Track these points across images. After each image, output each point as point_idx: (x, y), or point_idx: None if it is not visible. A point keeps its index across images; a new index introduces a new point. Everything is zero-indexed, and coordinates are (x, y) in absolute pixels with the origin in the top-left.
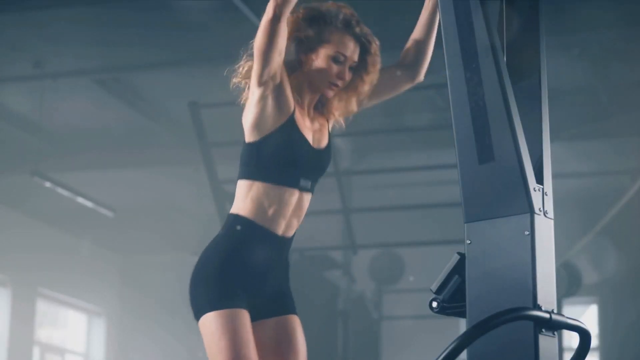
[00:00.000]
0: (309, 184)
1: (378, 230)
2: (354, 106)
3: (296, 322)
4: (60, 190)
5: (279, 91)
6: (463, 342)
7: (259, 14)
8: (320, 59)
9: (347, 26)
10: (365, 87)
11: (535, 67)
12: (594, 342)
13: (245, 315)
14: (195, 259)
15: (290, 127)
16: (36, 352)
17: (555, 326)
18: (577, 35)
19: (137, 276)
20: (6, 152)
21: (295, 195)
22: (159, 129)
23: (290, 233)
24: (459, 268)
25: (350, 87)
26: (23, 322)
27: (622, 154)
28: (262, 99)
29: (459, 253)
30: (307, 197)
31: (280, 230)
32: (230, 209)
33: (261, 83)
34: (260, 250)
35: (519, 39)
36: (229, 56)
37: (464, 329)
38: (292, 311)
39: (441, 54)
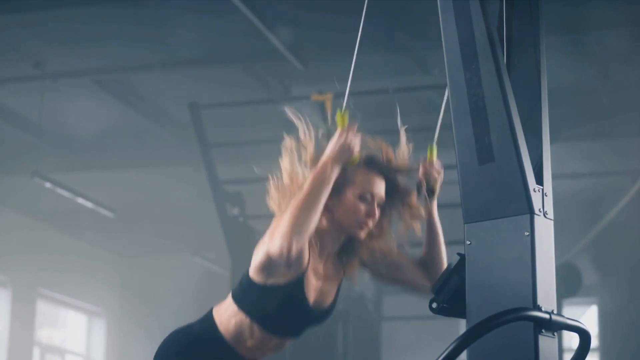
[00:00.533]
0: (295, 335)
1: None
2: (388, 244)
3: None
4: (60, 190)
5: (295, 260)
6: (463, 343)
7: (259, 15)
8: (347, 200)
9: (370, 163)
10: (409, 213)
11: (535, 67)
12: (594, 342)
13: None
14: (195, 260)
15: (295, 286)
16: (36, 352)
17: (555, 327)
18: (578, 36)
19: (137, 277)
20: (6, 153)
21: (277, 339)
22: (159, 129)
23: (261, 358)
24: (459, 269)
25: (379, 228)
26: (23, 322)
27: (622, 155)
28: (274, 262)
29: (458, 254)
30: (290, 341)
31: (250, 357)
32: (230, 211)
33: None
34: None
35: (518, 39)
36: (229, 58)
37: (464, 330)
38: None
39: (441, 55)
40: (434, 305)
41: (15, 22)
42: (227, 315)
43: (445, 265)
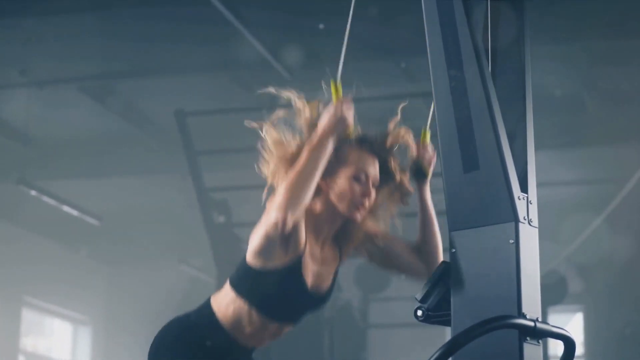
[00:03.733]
0: (294, 320)
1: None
2: (383, 224)
3: None
4: (45, 198)
5: (289, 237)
6: (448, 351)
7: (246, 23)
8: (341, 181)
9: (363, 143)
10: (403, 191)
11: (520, 75)
12: (579, 350)
13: None
14: (181, 267)
15: (293, 270)
16: None
17: (540, 334)
18: (563, 43)
19: (123, 284)
20: None
21: (276, 325)
22: (145, 136)
23: (260, 346)
24: (444, 277)
25: (374, 206)
26: (8, 330)
27: (607, 163)
28: (270, 239)
29: (443, 262)
30: (289, 327)
31: (250, 344)
32: (217, 218)
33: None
34: (223, 354)
35: (503, 47)
36: (215, 65)
37: (449, 338)
38: None
39: (426, 63)
40: (419, 313)
41: (1, 30)
42: (225, 302)
43: (440, 249)
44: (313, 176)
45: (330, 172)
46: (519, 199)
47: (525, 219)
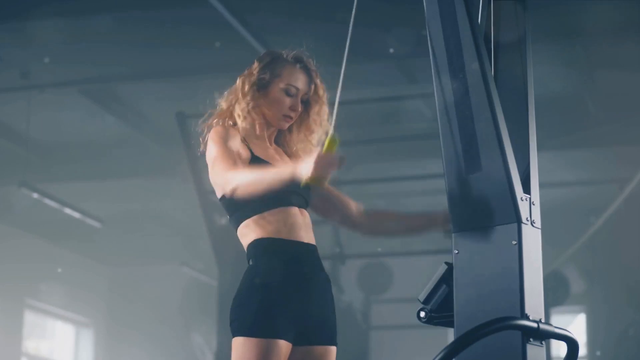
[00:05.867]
0: (300, 199)
1: (366, 240)
2: (310, 141)
3: (333, 355)
4: (47, 201)
5: (232, 148)
6: (451, 352)
7: (247, 26)
8: (273, 93)
9: (298, 60)
10: (313, 120)
11: (522, 76)
12: (582, 351)
13: (280, 347)
14: (183, 270)
15: (255, 162)
16: None
17: (543, 335)
18: (564, 44)
19: (125, 287)
20: None
21: (293, 209)
22: (146, 139)
23: (312, 240)
24: (447, 278)
25: (303, 121)
26: (11, 333)
27: (609, 163)
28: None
29: (446, 263)
30: (306, 212)
31: (303, 238)
32: (218, 221)
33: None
34: (295, 261)
35: (505, 48)
36: (216, 67)
37: (452, 339)
38: (334, 342)
39: (428, 64)
40: (422, 314)
41: (2, 33)
42: (251, 231)
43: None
44: (256, 190)
45: (264, 85)
46: (522, 200)
47: (528, 220)
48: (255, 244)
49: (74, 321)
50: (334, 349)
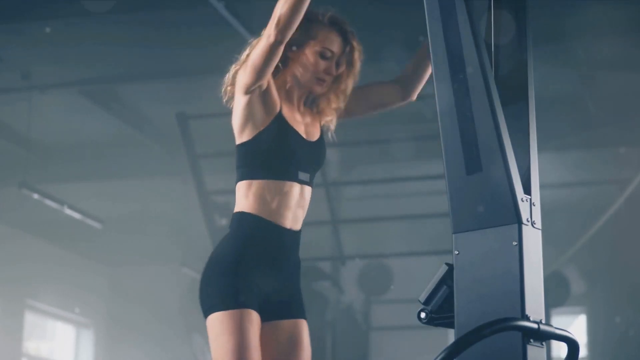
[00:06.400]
0: (306, 176)
1: (366, 241)
2: (340, 102)
3: (305, 328)
4: (48, 201)
5: (265, 95)
6: (451, 353)
7: (248, 26)
8: (307, 55)
9: (333, 23)
10: (349, 82)
11: (523, 77)
12: (582, 352)
13: (253, 316)
14: (184, 270)
15: (279, 123)
16: None
17: (544, 336)
18: (565, 45)
19: (125, 288)
20: None
21: (295, 187)
22: (147, 140)
23: (298, 226)
24: (447, 279)
25: (336, 83)
26: (11, 334)
27: (610, 164)
28: (249, 104)
29: (447, 264)
30: (308, 190)
31: (287, 223)
32: (219, 221)
33: (248, 92)
34: (271, 245)
35: (506, 49)
36: (216, 68)
37: (452, 340)
38: (303, 315)
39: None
40: (423, 315)
41: (3, 33)
42: (243, 197)
43: (425, 76)
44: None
45: (298, 44)
46: (522, 201)
47: (528, 221)
48: (240, 217)
49: (74, 322)
50: (304, 322)
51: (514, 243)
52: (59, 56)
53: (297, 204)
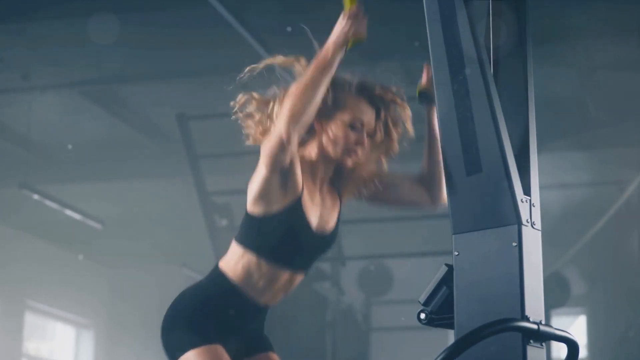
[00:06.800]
0: (304, 266)
1: (366, 242)
2: (370, 181)
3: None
4: (48, 202)
5: (287, 174)
6: (451, 354)
7: (248, 27)
8: (335, 127)
9: (362, 90)
10: (384, 155)
11: (522, 77)
12: (582, 353)
13: (222, 351)
14: (184, 271)
15: (294, 211)
16: None
17: (543, 337)
18: (565, 45)
19: (126, 288)
20: None
21: (287, 274)
22: (147, 140)
23: (274, 303)
24: (447, 279)
25: (370, 155)
26: (11, 334)
27: (609, 165)
28: (268, 179)
29: (447, 264)
30: (300, 276)
31: (263, 301)
32: (219, 222)
33: (268, 168)
34: (239, 315)
35: (505, 50)
36: (216, 68)
37: (452, 341)
38: (271, 349)
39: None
40: (422, 316)
41: (2, 34)
42: (234, 260)
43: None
44: (318, 90)
45: (326, 115)
46: (522, 202)
47: (528, 222)
48: (220, 277)
49: (74, 322)
50: (275, 355)
51: (514, 244)
52: (59, 56)
53: (282, 288)
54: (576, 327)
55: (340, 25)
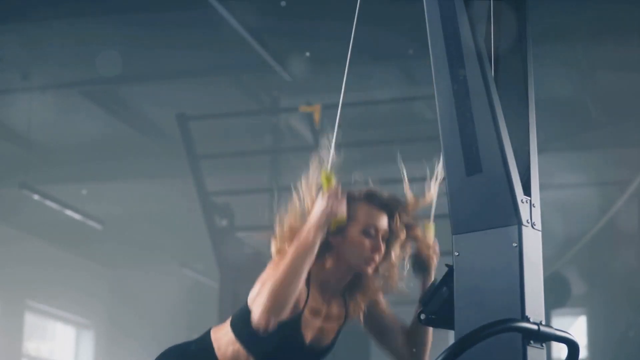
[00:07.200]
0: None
1: None
2: (394, 279)
3: None
4: (48, 202)
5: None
6: (451, 354)
7: (248, 27)
8: (351, 237)
9: (371, 198)
10: (395, 257)
11: (523, 77)
12: (583, 353)
13: None
14: (184, 271)
15: (291, 325)
16: None
17: (544, 338)
18: (565, 45)
19: (126, 289)
20: None
21: None
22: (147, 140)
23: None
24: (447, 280)
25: (385, 261)
26: (11, 334)
27: (610, 165)
28: None
29: (447, 265)
30: None
31: None
32: (219, 222)
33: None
34: None
35: (506, 50)
36: (216, 69)
37: (452, 341)
38: None
39: (429, 66)
40: (423, 316)
41: (3, 34)
42: (225, 341)
43: (429, 344)
44: (299, 274)
45: (339, 228)
46: (522, 202)
47: (528, 222)
48: (209, 353)
49: (75, 323)
50: None
51: (514, 244)
52: (59, 56)
53: None
54: (576, 327)
55: (320, 206)
